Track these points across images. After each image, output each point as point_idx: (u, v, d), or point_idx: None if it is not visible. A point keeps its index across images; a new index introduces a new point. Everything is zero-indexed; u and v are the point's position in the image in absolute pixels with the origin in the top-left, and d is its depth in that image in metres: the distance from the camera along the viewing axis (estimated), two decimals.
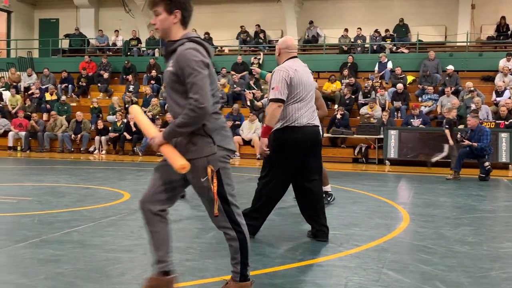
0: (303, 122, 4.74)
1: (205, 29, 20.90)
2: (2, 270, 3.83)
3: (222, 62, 19.31)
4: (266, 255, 4.39)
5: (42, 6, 24.03)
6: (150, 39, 21.14)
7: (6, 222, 5.58)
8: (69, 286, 3.46)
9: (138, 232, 5.19)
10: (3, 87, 19.63)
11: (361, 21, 20.15)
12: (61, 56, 21.95)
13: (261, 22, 20.88)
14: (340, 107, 15.54)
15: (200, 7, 22.32)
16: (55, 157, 14.75)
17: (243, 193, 8.16)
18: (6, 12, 22.93)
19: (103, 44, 21.85)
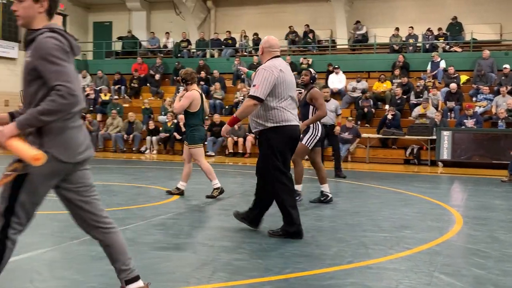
0: (290, 120, 4.91)
1: (253, 30, 20.97)
2: (58, 266, 3.95)
3: None
4: (315, 257, 4.36)
5: (96, 10, 24.68)
6: (199, 40, 21.39)
7: (62, 219, 5.75)
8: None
9: (187, 231, 5.25)
10: None
11: (413, 20, 19.76)
12: (114, 58, 22.48)
13: (310, 22, 20.78)
14: (391, 107, 15.29)
15: (248, 8, 22.47)
16: (108, 157, 15.12)
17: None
18: (62, 15, 23.65)
19: (155, 46, 22.25)
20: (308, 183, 9.29)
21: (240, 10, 22.61)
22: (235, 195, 7.71)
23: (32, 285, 3.43)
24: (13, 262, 3.93)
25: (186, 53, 21.33)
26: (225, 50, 20.73)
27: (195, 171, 7.78)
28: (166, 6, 23.19)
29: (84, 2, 24.21)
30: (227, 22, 22.59)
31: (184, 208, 6.60)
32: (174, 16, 23.17)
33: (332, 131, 10.40)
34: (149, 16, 23.77)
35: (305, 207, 6.84)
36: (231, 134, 15.69)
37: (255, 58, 19.30)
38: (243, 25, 21.72)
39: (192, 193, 7.67)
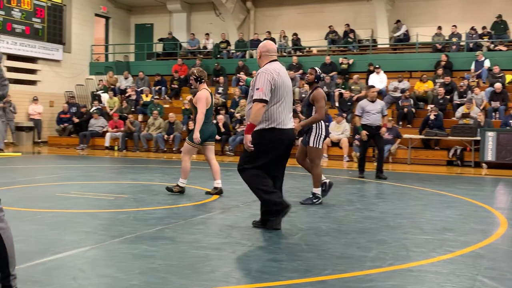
0: (285, 124, 5.06)
1: (293, 30, 20.94)
2: (100, 264, 4.02)
3: (310, 63, 19.24)
4: (355, 258, 4.32)
5: (138, 12, 25.09)
6: (239, 41, 21.49)
7: (104, 218, 5.86)
8: (162, 281, 3.56)
9: (227, 230, 5.27)
10: (102, 89, 20.70)
11: (456, 19, 19.37)
12: (155, 59, 22.80)
13: (350, 22, 20.61)
14: (434, 108, 15.01)
15: (288, 8, 22.44)
16: (149, 157, 15.34)
17: (332, 195, 8.09)
18: (105, 18, 24.15)
19: (195, 47, 22.46)
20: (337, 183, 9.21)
21: (280, 10, 22.61)
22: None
23: (75, 282, 3.50)
24: (57, 259, 4.04)
25: (226, 54, 21.45)
26: None
27: (234, 172, 7.81)
28: (206, 8, 23.40)
29: (126, 5, 24.64)
30: (267, 22, 22.62)
31: (223, 208, 6.64)
32: (214, 17, 23.36)
33: (378, 132, 10.27)
34: (189, 17, 24.03)
35: (345, 209, 6.78)
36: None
37: (294, 59, 19.28)
38: (282, 25, 21.71)
39: (230, 194, 7.70)
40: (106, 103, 19.62)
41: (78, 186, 8.27)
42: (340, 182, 10.16)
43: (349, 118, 16.30)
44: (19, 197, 7.13)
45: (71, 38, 21.69)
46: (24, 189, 8.01)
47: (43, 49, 20.32)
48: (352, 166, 13.52)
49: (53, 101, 20.86)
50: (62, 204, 6.61)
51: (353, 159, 14.69)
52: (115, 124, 17.86)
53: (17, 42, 19.26)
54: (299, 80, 18.54)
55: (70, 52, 21.64)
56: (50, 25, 20.38)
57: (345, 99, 16.78)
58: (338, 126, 15.38)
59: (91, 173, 10.84)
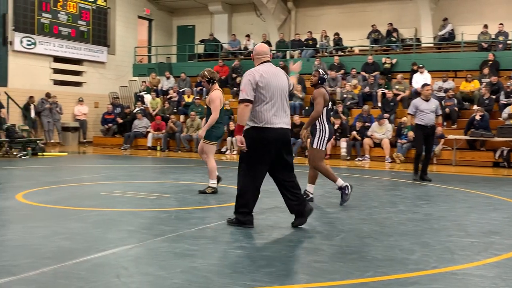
0: (273, 123, 5.14)
1: (335, 30, 20.78)
2: (143, 262, 4.08)
3: (352, 63, 19.09)
4: (398, 261, 4.25)
5: (180, 14, 25.37)
6: (280, 42, 21.46)
7: (147, 217, 5.95)
8: (203, 280, 3.59)
9: (267, 231, 5.27)
10: (145, 90, 21.02)
11: (503, 16, 18.84)
12: (196, 60, 23.01)
13: (393, 21, 20.32)
14: (479, 108, 14.65)
15: (329, 8, 22.30)
16: (191, 157, 15.49)
17: (374, 196, 7.99)
18: (148, 20, 24.52)
19: (235, 48, 22.56)
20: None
21: (321, 10, 22.49)
22: (315, 197, 7.64)
23: (118, 280, 3.56)
24: (100, 257, 4.11)
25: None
26: (305, 51, 20.68)
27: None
28: (247, 8, 23.49)
29: (169, 7, 24.96)
30: (308, 22, 22.53)
31: (263, 208, 6.64)
32: (254, 18, 23.42)
33: (432, 132, 9.98)
34: (230, 18, 24.16)
35: (387, 211, 6.68)
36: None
37: (335, 59, 19.14)
38: (323, 25, 21.58)
39: (270, 194, 7.70)
40: (149, 104, 19.92)
41: (122, 186, 8.42)
42: (382, 183, 10.03)
43: (392, 119, 16.08)
44: (65, 195, 7.30)
45: (115, 40, 22.12)
46: (70, 188, 8.21)
47: (88, 51, 20.78)
48: (394, 167, 13.33)
49: (97, 102, 21.31)
50: (106, 203, 6.74)
51: (396, 160, 14.47)
52: (157, 126, 18.11)
53: (63, 44, 19.76)
54: (341, 80, 18.39)
55: (114, 54, 22.07)
56: (95, 27, 20.83)
57: (388, 99, 16.55)
58: (380, 127, 15.18)
59: (134, 173, 11.01)
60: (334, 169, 12.27)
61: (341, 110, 16.44)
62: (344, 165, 13.86)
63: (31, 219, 5.68)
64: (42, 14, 18.90)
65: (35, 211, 6.16)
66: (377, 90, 17.27)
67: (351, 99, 17.39)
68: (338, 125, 15.53)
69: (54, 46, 19.47)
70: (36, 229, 5.09)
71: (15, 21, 18.06)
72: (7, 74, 18.04)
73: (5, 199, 6.88)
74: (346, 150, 15.26)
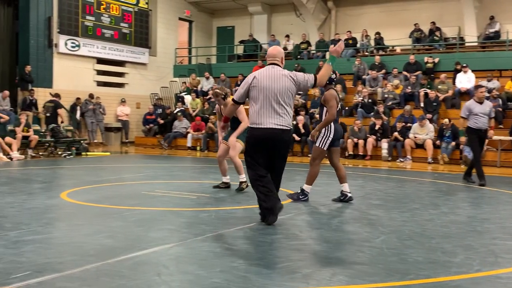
0: (262, 123, 5.38)
1: (376, 29, 20.54)
2: (183, 261, 4.12)
3: (394, 62, 18.82)
4: (440, 264, 4.17)
5: (220, 15, 25.54)
6: (319, 41, 21.35)
7: (187, 216, 6.01)
8: (242, 280, 3.60)
9: (306, 232, 5.25)
10: (185, 91, 21.25)
11: None
12: (236, 61, 23.11)
13: (436, 19, 19.96)
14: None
15: (370, 7, 22.06)
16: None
17: (415, 198, 7.87)
18: (188, 22, 24.77)
19: None
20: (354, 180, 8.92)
21: (362, 9, 22.28)
22: (355, 198, 7.58)
23: (159, 278, 3.61)
24: (142, 255, 4.17)
25: (306, 54, 21.38)
26: (345, 51, 20.51)
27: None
28: (286, 9, 23.46)
29: (209, 8, 25.15)
30: (348, 22, 22.34)
31: (303, 209, 6.62)
32: (294, 18, 23.37)
33: (485, 136, 9.66)
34: (270, 19, 24.17)
35: (429, 213, 6.57)
36: (351, 136, 15.50)
37: (376, 58, 18.92)
38: (364, 24, 21.37)
39: (310, 195, 7.66)
40: (189, 105, 20.12)
41: (163, 185, 8.53)
42: (424, 185, 9.86)
43: (435, 119, 15.79)
44: (107, 194, 7.45)
45: (156, 41, 22.43)
46: (112, 187, 8.36)
47: (131, 53, 21.14)
48: (438, 169, 13.09)
49: (139, 103, 21.65)
50: (148, 202, 6.84)
51: (439, 162, 14.20)
52: (197, 126, 18.27)
53: (106, 46, 20.16)
54: (382, 80, 18.18)
55: (155, 55, 22.38)
56: (137, 29, 21.18)
57: (431, 99, 16.25)
58: (422, 128, 14.91)
59: (175, 173, 11.14)
60: (375, 170, 12.11)
61: (382, 110, 16.23)
62: (385, 166, 13.69)
63: (75, 218, 5.82)
64: (86, 16, 19.33)
65: (79, 210, 6.31)
66: (419, 90, 16.98)
67: (393, 99, 17.15)
68: (379, 126, 15.34)
69: (98, 48, 19.87)
70: (79, 227, 5.21)
71: (60, 24, 18.52)
72: (52, 76, 18.52)
73: (50, 198, 7.07)
74: (387, 151, 15.06)
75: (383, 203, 7.18)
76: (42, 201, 6.74)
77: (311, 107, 17.66)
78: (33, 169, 11.04)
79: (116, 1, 20.34)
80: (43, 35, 18.13)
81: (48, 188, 8.17)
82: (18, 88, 17.90)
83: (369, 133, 15.47)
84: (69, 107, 18.59)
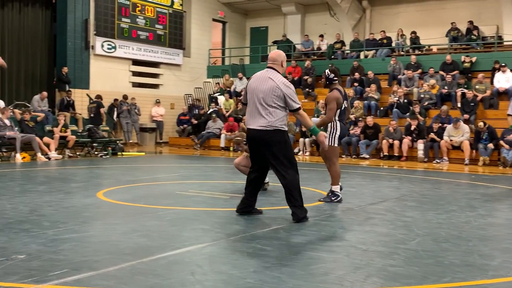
0: (248, 124, 5.70)
1: (411, 28, 20.27)
2: (216, 261, 4.14)
3: (430, 62, 18.53)
4: (477, 267, 4.09)
5: (253, 16, 25.59)
6: (354, 41, 21.18)
7: (220, 216, 6.04)
8: (276, 280, 3.59)
9: (340, 233, 5.21)
10: (218, 92, 21.36)
11: None
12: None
13: (473, 18, 19.58)
14: None
15: (406, 6, 21.80)
16: None
17: (452, 200, 7.74)
18: (222, 22, 24.89)
19: (308, 49, 22.47)
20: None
21: (397, 8, 22.02)
22: (390, 200, 7.50)
23: (193, 278, 3.63)
24: (176, 254, 4.21)
25: (340, 54, 21.24)
26: (380, 50, 20.29)
27: (348, 174, 7.70)
28: (320, 9, 23.36)
29: (243, 9, 25.23)
30: (383, 21, 22.12)
31: (336, 210, 6.57)
32: (328, 18, 23.25)
33: None
34: (303, 19, 24.10)
35: (466, 215, 6.44)
36: (386, 137, 15.34)
37: (412, 58, 18.67)
38: (400, 23, 21.12)
39: (344, 196, 7.61)
40: (222, 105, 20.22)
41: (196, 185, 8.59)
42: (461, 187, 9.68)
43: (472, 120, 15.49)
44: (143, 194, 7.54)
45: (190, 43, 22.61)
46: (147, 187, 8.47)
47: (165, 54, 21.36)
48: (476, 170, 12.83)
49: (173, 104, 21.86)
50: (182, 202, 6.90)
51: (479, 163, 13.90)
52: (230, 127, 18.33)
53: (141, 48, 20.42)
54: (418, 80, 17.92)
55: (189, 56, 22.56)
56: (171, 31, 21.38)
57: (468, 100, 15.94)
58: (456, 130, 14.57)
59: (208, 173, 11.21)
60: (410, 171, 11.97)
61: (418, 110, 16.00)
62: (421, 167, 13.49)
63: (111, 216, 5.91)
64: (122, 19, 19.61)
65: (114, 209, 6.40)
66: (456, 90, 16.68)
67: (429, 99, 16.89)
68: (414, 126, 15.13)
69: (133, 50, 20.15)
70: (115, 226, 5.29)
71: (96, 26, 18.84)
72: (89, 77, 18.86)
73: (86, 197, 7.20)
74: (423, 152, 14.83)
75: (418, 205, 7.07)
76: (79, 200, 6.87)
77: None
78: (70, 169, 11.26)
79: (151, 3, 20.59)
80: (80, 37, 18.48)
81: (85, 187, 8.32)
82: (56, 89, 18.30)
83: (405, 134, 15.27)
84: (106, 108, 18.90)
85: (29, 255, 4.09)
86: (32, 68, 18.31)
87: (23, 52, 18.01)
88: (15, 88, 17.83)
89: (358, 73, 18.81)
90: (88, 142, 15.13)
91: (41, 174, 10.32)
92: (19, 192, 7.51)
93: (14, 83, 17.81)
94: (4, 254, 4.12)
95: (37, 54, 18.45)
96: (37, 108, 16.12)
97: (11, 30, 17.61)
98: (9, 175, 9.77)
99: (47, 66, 18.78)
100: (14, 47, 17.70)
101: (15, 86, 17.81)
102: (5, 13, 17.44)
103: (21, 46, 17.92)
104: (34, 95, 16.93)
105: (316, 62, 20.93)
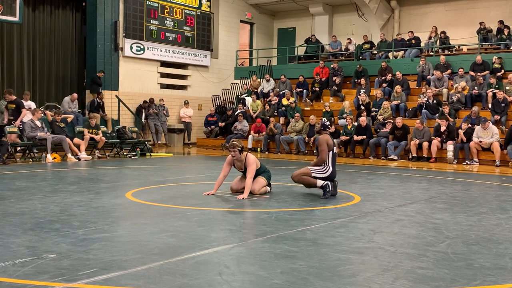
0: None
1: (441, 28, 19.99)
2: (244, 262, 4.15)
3: (460, 62, 18.26)
4: (508, 270, 4.01)
5: (281, 17, 25.58)
6: (382, 42, 21.00)
7: (248, 217, 6.05)
8: (303, 282, 3.59)
9: (368, 235, 5.17)
10: (246, 93, 21.40)
11: None
12: (296, 62, 23.07)
13: (504, 18, 19.23)
14: None
15: (435, 6, 21.54)
16: (290, 159, 15.55)
17: (482, 202, 7.62)
18: (249, 24, 24.94)
19: (336, 49, 22.36)
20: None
21: (426, 8, 21.77)
22: (419, 201, 7.41)
23: (221, 278, 3.65)
24: (204, 255, 4.24)
25: (368, 55, 21.08)
26: (409, 51, 20.08)
27: (376, 176, 7.65)
28: (348, 9, 23.23)
29: (270, 10, 25.24)
30: (412, 21, 21.89)
31: (364, 211, 6.53)
32: (356, 18, 23.11)
33: None
34: (331, 20, 24.00)
35: (497, 217, 6.33)
36: (414, 137, 15.16)
37: (442, 58, 18.43)
38: (429, 23, 20.88)
39: (373, 198, 7.56)
40: (250, 106, 20.25)
41: (224, 186, 8.61)
42: (491, 188, 9.52)
43: (503, 121, 15.21)
44: (171, 194, 7.60)
45: (218, 44, 22.71)
46: (175, 187, 8.53)
47: (193, 56, 21.50)
48: (508, 172, 12.59)
49: (201, 105, 21.99)
50: (209, 203, 6.93)
51: (509, 165, 13.64)
52: (257, 128, 18.34)
53: (169, 49, 20.59)
54: (447, 81, 17.68)
55: (217, 58, 22.67)
56: (199, 32, 21.52)
57: (499, 100, 15.66)
58: (485, 131, 14.30)
59: (236, 174, 11.22)
60: (440, 173, 11.82)
61: (447, 111, 15.78)
62: (451, 168, 13.30)
63: (140, 217, 5.97)
64: (151, 21, 19.81)
65: (143, 209, 6.47)
66: (487, 91, 16.40)
67: (458, 100, 16.63)
68: (444, 127, 14.91)
69: (161, 52, 20.33)
70: (144, 226, 5.34)
71: (125, 28, 19.08)
72: (118, 79, 19.10)
73: (116, 197, 7.29)
74: (452, 153, 14.61)
75: (448, 207, 6.98)
76: (108, 200, 6.96)
77: (372, 107, 17.41)
78: (99, 169, 11.42)
79: (179, 5, 20.75)
80: (109, 39, 18.73)
81: (114, 188, 8.42)
82: (86, 91, 18.57)
83: (434, 135, 15.07)
84: (135, 109, 19.11)
85: (59, 254, 4.16)
86: (62, 70, 18.64)
87: (54, 54, 18.35)
88: (46, 89, 18.17)
89: (387, 74, 18.65)
90: (117, 143, 15.31)
91: (71, 175, 10.48)
92: (50, 192, 7.64)
93: (45, 85, 18.15)
94: (35, 253, 4.20)
95: (67, 56, 18.77)
96: (67, 110, 16.38)
97: (42, 33, 17.95)
98: (40, 175, 9.96)
99: (77, 68, 19.09)
100: (45, 49, 18.05)
101: (46, 88, 18.15)
102: (36, 16, 17.79)
103: (52, 48, 18.26)
104: (64, 97, 17.22)
105: (344, 63, 20.80)
